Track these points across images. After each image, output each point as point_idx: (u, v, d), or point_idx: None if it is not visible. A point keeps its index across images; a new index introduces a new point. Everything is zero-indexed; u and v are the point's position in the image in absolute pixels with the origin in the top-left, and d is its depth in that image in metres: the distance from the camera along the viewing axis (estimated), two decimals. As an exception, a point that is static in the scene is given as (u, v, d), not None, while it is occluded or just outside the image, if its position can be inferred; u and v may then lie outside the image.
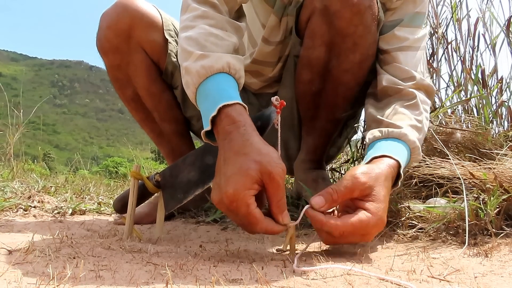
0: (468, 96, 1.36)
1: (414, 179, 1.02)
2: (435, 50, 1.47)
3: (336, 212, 0.75)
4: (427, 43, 1.49)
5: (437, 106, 1.34)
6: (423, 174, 0.92)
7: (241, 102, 0.71)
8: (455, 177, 0.85)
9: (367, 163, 0.77)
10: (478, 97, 1.31)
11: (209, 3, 0.84)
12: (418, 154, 0.83)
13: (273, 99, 0.74)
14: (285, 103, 0.74)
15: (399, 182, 0.78)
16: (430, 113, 1.19)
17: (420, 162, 0.92)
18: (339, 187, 0.68)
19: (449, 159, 0.90)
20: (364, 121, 1.19)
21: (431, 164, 0.91)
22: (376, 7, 0.89)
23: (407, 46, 0.94)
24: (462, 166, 0.86)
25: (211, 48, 0.76)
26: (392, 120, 0.85)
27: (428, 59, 1.45)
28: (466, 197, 0.79)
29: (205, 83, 0.74)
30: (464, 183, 0.81)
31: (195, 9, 0.82)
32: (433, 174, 0.90)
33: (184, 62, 0.77)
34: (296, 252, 0.73)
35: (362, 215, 0.67)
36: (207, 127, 0.71)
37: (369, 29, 0.90)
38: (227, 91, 0.72)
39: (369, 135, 0.85)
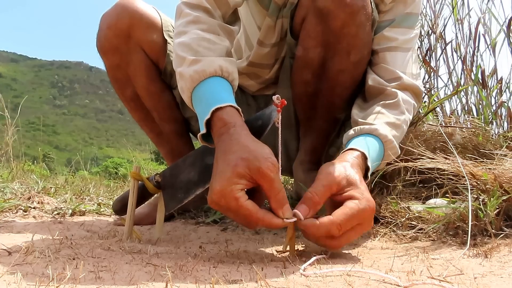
0: (468, 97, 1.36)
1: (414, 178, 1.01)
2: (432, 48, 1.47)
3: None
4: (423, 42, 1.49)
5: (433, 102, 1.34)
6: (427, 169, 0.92)
7: (233, 104, 0.72)
8: (456, 176, 0.85)
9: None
10: (472, 93, 1.31)
11: (201, 8, 0.85)
12: (392, 147, 0.84)
13: (274, 97, 0.74)
14: (286, 102, 0.75)
15: (369, 175, 0.79)
16: (428, 113, 1.19)
17: (423, 158, 0.91)
18: (317, 188, 0.69)
19: (450, 158, 0.89)
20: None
21: (434, 160, 0.91)
22: (370, 7, 0.90)
23: (395, 46, 0.94)
24: (466, 165, 0.86)
25: (203, 52, 0.78)
26: (367, 120, 0.86)
27: (424, 56, 1.45)
28: (466, 197, 0.79)
29: (199, 87, 0.75)
30: (465, 183, 0.81)
31: (187, 15, 0.84)
32: (434, 168, 0.89)
33: (178, 67, 0.79)
34: (297, 249, 0.73)
35: (349, 203, 0.67)
36: (202, 130, 0.72)
37: (364, 29, 0.91)
38: (219, 94, 0.74)
39: (345, 135, 0.87)
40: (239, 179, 0.63)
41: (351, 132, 0.85)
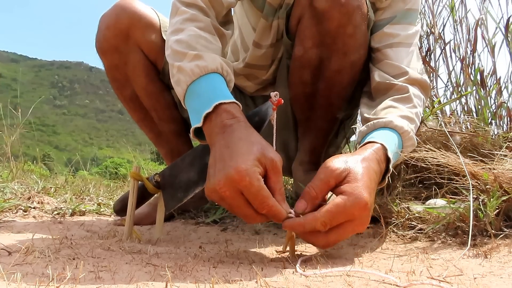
0: (467, 97, 1.36)
1: (413, 178, 1.01)
2: (432, 49, 1.47)
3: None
4: (423, 43, 1.49)
5: (435, 105, 1.34)
6: (427, 168, 0.91)
7: (237, 102, 0.73)
8: (456, 176, 0.85)
9: None
10: (471, 93, 1.31)
11: (197, 6, 0.86)
12: (410, 138, 0.82)
13: (272, 94, 0.75)
14: (282, 101, 0.75)
15: (391, 167, 0.76)
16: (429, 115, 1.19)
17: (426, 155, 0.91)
18: (314, 183, 0.67)
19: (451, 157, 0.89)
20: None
21: (435, 153, 0.90)
22: (365, 7, 0.90)
23: (397, 42, 0.94)
24: (468, 164, 0.86)
25: (201, 49, 0.78)
26: (379, 115, 0.85)
27: (425, 55, 1.45)
28: (466, 198, 0.79)
29: (198, 81, 0.76)
30: (465, 183, 0.81)
31: (184, 12, 0.85)
32: (434, 168, 0.89)
33: (177, 62, 0.79)
34: (297, 252, 0.73)
35: (336, 199, 0.65)
36: (198, 123, 0.72)
37: (359, 29, 0.91)
38: (222, 90, 0.74)
39: (358, 132, 0.86)
40: (258, 163, 0.65)
41: (364, 128, 0.84)
